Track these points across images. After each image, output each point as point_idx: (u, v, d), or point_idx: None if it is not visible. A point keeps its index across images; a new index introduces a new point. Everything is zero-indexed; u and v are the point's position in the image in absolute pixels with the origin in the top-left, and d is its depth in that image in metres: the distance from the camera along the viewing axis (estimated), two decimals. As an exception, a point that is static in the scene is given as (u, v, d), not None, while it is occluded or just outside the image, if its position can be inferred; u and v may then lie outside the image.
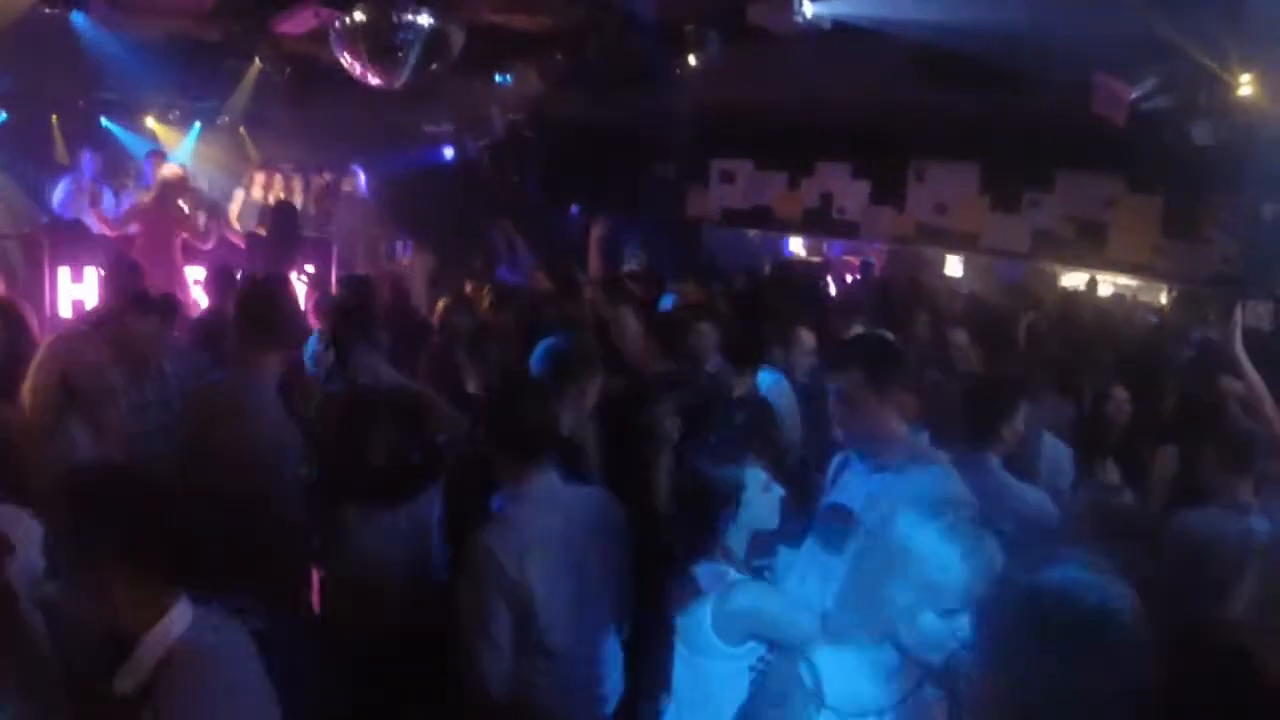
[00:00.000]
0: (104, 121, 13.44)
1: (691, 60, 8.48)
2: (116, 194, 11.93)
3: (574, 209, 14.99)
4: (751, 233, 14.08)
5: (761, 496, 3.48)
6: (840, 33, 7.20)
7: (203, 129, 14.00)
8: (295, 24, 8.63)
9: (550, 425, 3.88)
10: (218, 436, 4.69)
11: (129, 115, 13.53)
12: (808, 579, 3.69)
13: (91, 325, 6.70)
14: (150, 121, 13.81)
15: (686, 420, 4.90)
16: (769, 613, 3.24)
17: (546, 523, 3.68)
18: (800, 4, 6.92)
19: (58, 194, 11.27)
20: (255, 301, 5.32)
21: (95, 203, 10.95)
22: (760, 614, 3.22)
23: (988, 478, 4.47)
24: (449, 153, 15.44)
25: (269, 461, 4.64)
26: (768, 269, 11.91)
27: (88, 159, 11.53)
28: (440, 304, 9.25)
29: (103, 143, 13.12)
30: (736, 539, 3.43)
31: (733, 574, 3.34)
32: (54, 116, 12.99)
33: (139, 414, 5.48)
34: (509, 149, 14.04)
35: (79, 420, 4.46)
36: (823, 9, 7.02)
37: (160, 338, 5.86)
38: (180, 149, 13.61)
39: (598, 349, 5.49)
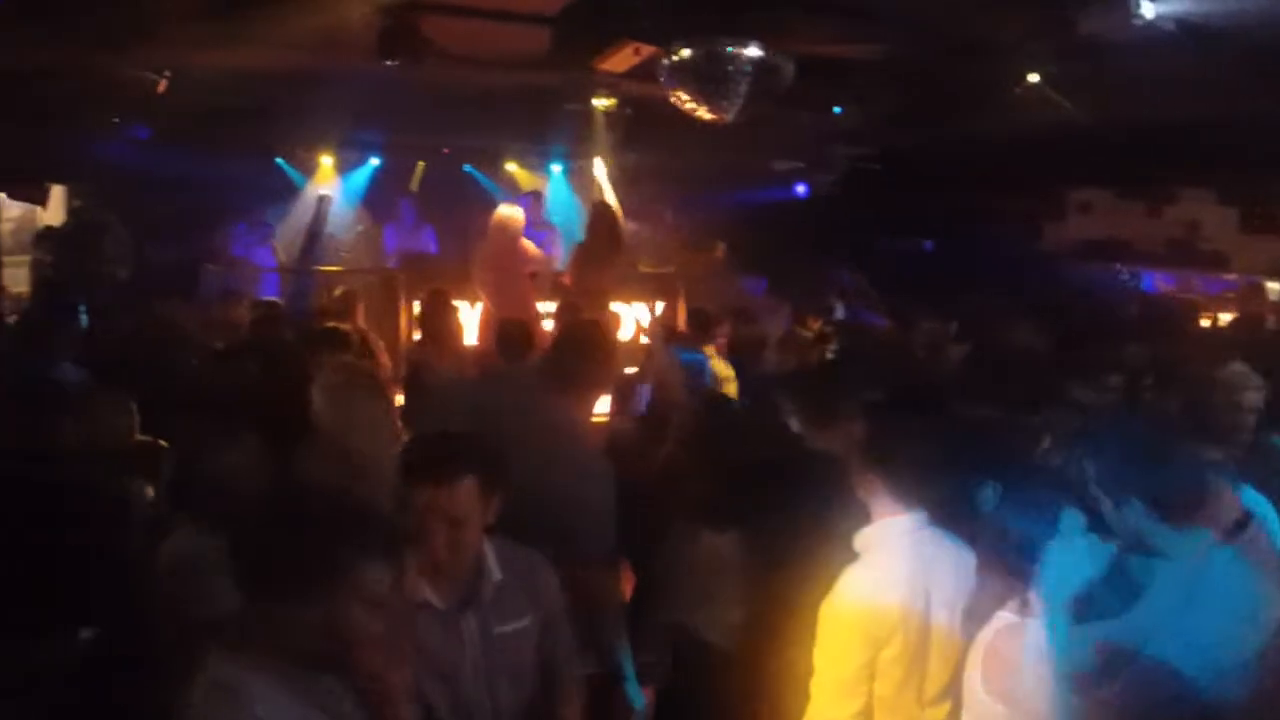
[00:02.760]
0: (466, 167, 14.23)
1: (1031, 79, 7.93)
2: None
3: (926, 245, 14.52)
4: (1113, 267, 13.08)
5: (1075, 544, 3.09)
6: (1188, 36, 6.47)
7: (562, 172, 14.60)
8: (616, 62, 8.71)
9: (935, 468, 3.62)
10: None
11: (490, 161, 14.25)
12: None
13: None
14: (511, 166, 14.50)
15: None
16: None
17: (909, 566, 3.50)
18: (1137, 4, 6.23)
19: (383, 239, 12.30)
20: (571, 343, 5.35)
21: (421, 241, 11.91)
22: None
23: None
24: (800, 190, 15.32)
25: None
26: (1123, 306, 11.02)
27: (405, 206, 12.86)
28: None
29: (463, 188, 13.95)
30: (1051, 594, 3.05)
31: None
32: (420, 163, 13.88)
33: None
34: (853, 184, 13.73)
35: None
36: (1164, 8, 6.29)
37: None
38: (549, 193, 14.26)
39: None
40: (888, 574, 3.45)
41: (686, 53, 8.29)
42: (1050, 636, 2.96)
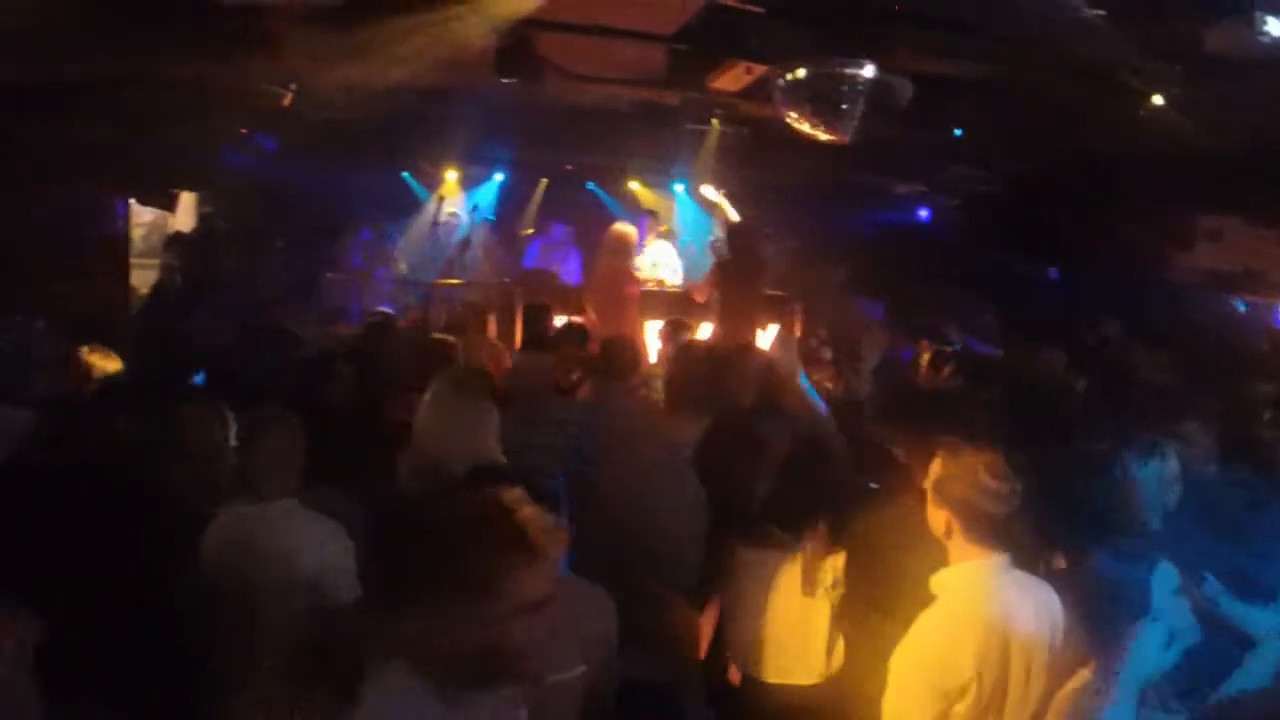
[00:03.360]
0: (589, 185, 14.33)
1: (1155, 100, 7.67)
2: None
3: (1052, 273, 14.13)
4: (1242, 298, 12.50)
5: (1172, 602, 2.88)
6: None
7: (685, 192, 14.60)
8: (728, 80, 8.72)
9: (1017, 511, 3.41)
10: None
11: (613, 179, 14.33)
12: None
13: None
14: (634, 185, 14.56)
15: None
16: None
17: (987, 612, 3.29)
18: (1263, 21, 5.96)
19: (528, 251, 12.44)
20: (689, 368, 5.36)
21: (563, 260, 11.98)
22: None
23: None
24: (922, 213, 15.06)
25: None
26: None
27: (557, 227, 13.29)
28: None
29: (586, 206, 14.05)
30: (1126, 674, 2.79)
31: None
32: (543, 180, 14.04)
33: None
34: (976, 207, 13.43)
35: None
36: (1293, 25, 5.99)
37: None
38: (666, 212, 14.29)
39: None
40: (963, 625, 3.26)
41: (800, 72, 8.25)
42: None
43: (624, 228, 10.42)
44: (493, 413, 4.86)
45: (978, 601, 3.28)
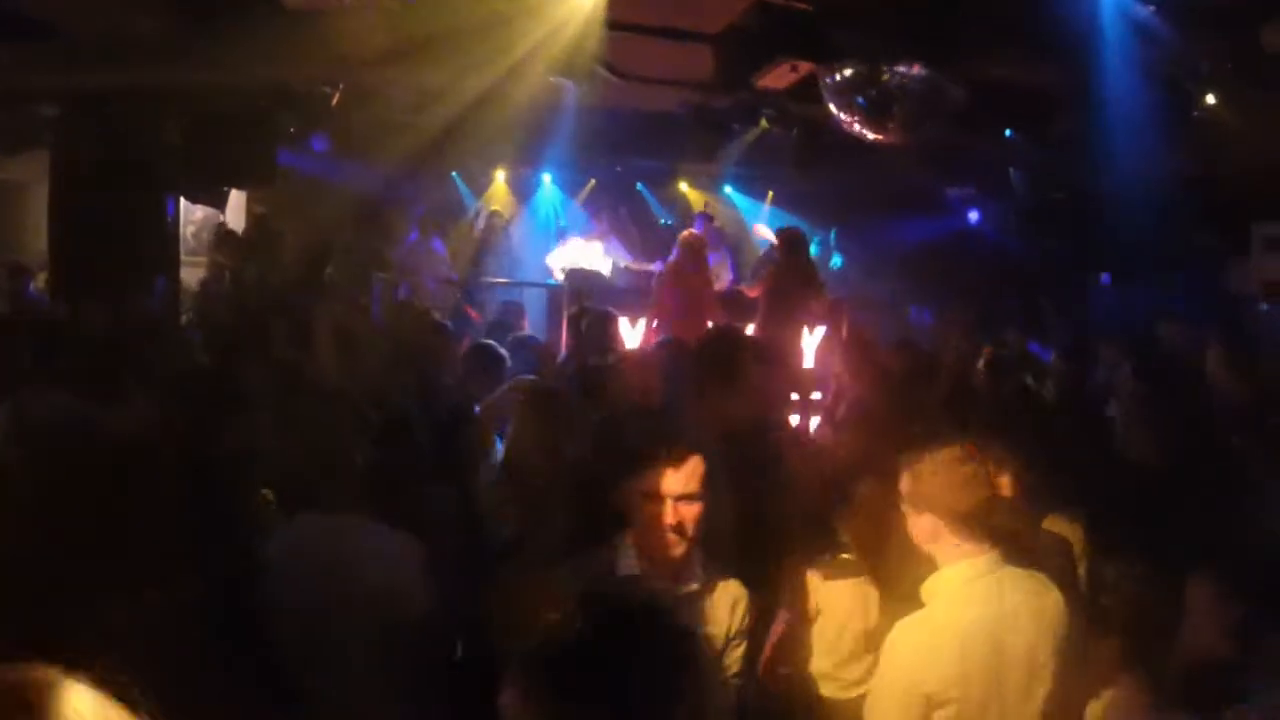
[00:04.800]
0: (639, 186, 14.32)
1: (1209, 100, 7.52)
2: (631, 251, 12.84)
3: (1104, 278, 13.92)
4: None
5: None
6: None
7: (734, 192, 14.59)
8: (774, 79, 8.65)
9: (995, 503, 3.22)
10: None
11: (662, 180, 14.31)
12: None
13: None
14: (683, 186, 14.54)
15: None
16: None
17: (973, 615, 3.06)
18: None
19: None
20: (712, 352, 5.27)
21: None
22: None
23: None
24: (974, 217, 14.90)
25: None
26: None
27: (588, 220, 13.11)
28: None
29: (632, 207, 14.05)
30: None
31: None
32: (591, 181, 14.04)
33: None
34: (1036, 212, 13.24)
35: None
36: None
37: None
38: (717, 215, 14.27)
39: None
40: (944, 627, 3.04)
41: (847, 71, 8.17)
42: None
43: (695, 233, 10.35)
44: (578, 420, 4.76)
45: (959, 606, 3.06)
